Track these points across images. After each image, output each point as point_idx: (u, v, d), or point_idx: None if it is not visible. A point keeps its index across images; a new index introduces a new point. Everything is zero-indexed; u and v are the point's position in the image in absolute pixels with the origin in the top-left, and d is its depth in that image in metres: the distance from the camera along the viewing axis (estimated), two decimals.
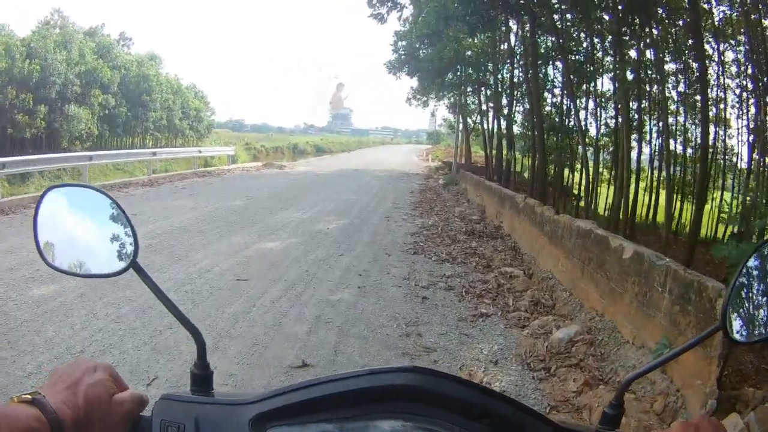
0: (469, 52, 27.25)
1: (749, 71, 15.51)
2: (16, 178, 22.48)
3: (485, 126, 31.85)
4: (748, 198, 14.28)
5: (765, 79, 13.95)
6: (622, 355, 6.04)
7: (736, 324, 1.63)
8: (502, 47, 25.11)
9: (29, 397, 1.03)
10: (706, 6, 15.34)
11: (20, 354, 5.96)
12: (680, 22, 15.42)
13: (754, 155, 15.01)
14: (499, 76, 26.86)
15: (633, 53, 16.25)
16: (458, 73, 30.75)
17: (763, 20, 13.82)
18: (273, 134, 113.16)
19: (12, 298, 7.88)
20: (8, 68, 28.33)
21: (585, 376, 5.70)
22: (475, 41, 26.18)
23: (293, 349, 6.27)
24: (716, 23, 15.78)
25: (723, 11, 15.96)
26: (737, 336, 1.58)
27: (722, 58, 16.42)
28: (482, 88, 30.86)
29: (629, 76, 15.76)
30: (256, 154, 53.58)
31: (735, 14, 15.60)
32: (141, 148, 36.71)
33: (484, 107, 32.36)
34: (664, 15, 15.23)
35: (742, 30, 15.19)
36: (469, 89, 33.11)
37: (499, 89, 26.69)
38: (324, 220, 15.62)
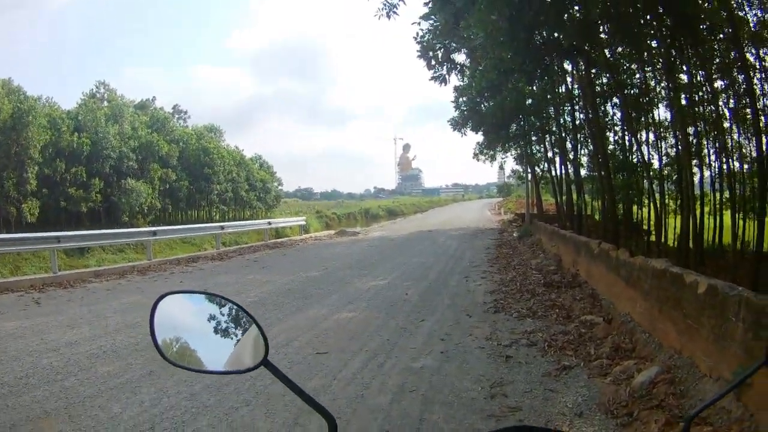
0: (529, 101, 27.29)
1: None
2: (74, 251, 23.14)
3: (553, 173, 31.75)
4: None
5: None
6: (700, 390, 5.95)
7: None
8: (560, 90, 25.16)
9: None
10: (740, 14, 15.28)
11: (81, 429, 6.07)
12: (721, 36, 15.34)
13: None
14: (561, 120, 26.87)
15: (684, 77, 16.19)
16: (521, 123, 30.88)
17: None
18: (343, 201, 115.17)
19: (73, 373, 8.13)
20: (54, 141, 29.42)
21: (666, 416, 5.65)
22: (534, 89, 26.23)
23: (377, 421, 6.23)
24: (753, 29, 15.67)
25: (756, 14, 15.87)
26: None
27: (764, 64, 16.29)
28: (546, 135, 30.85)
29: (683, 101, 15.70)
30: (328, 222, 54.72)
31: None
32: (207, 221, 38.14)
33: (550, 154, 32.31)
34: (706, 33, 15.16)
35: None
36: (533, 138, 33.06)
37: (563, 134, 26.66)
38: (402, 286, 15.57)
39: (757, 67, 15.70)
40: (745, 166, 16.75)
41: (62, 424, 6.19)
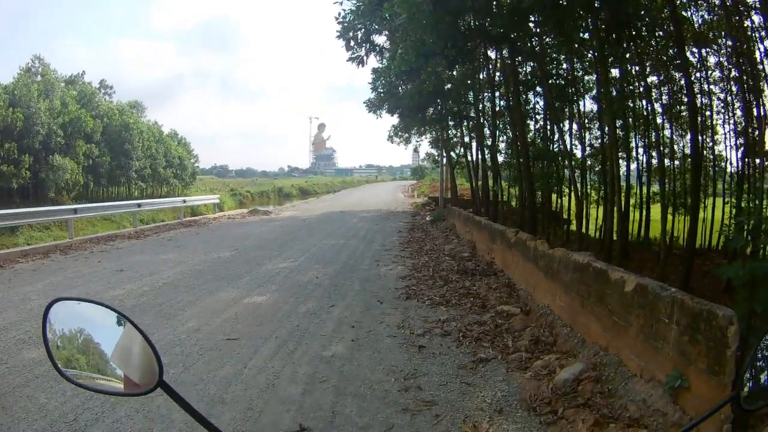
0: (448, 85, 27.13)
1: (733, 74, 15.53)
2: (5, 229, 22.96)
3: (469, 158, 31.99)
4: (745, 205, 14.09)
5: (750, 81, 13.88)
6: (630, 390, 5.83)
7: (747, 394, 1.94)
8: (481, 76, 25.12)
9: None
10: (685, 13, 15.34)
11: (15, 420, 6.02)
12: (660, 33, 15.36)
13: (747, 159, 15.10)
14: (480, 106, 26.83)
15: (615, 71, 16.22)
16: (439, 108, 30.69)
17: (744, 21, 13.79)
18: (257, 179, 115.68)
19: (3, 360, 7.96)
20: None
21: (594, 416, 5.51)
22: (454, 73, 26.11)
23: (289, 412, 6.06)
24: (696, 29, 15.76)
25: (702, 16, 15.98)
26: (746, 405, 1.92)
27: (705, 64, 16.41)
28: (464, 121, 30.84)
29: (613, 93, 15.70)
30: (242, 200, 55.35)
31: (715, 18, 15.61)
32: (126, 198, 38.33)
33: (467, 139, 32.40)
34: (644, 29, 15.18)
35: (723, 33, 15.18)
36: (450, 122, 33.08)
37: (481, 120, 26.66)
38: (313, 269, 15.47)
39: (697, 65, 15.81)
40: (676, 162, 16.96)
41: None
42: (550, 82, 18.46)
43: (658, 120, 17.10)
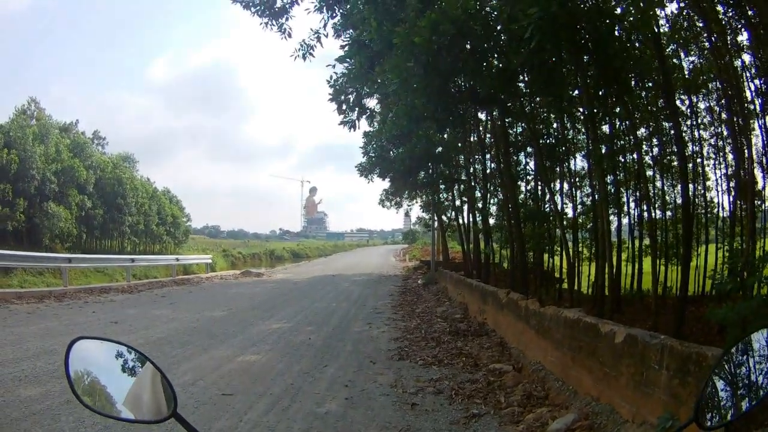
0: (439, 149, 27.26)
1: (723, 116, 15.64)
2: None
3: (460, 221, 31.72)
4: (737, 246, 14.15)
5: (740, 121, 13.98)
6: None
7: (708, 413, 2.09)
8: (472, 139, 25.20)
9: None
10: (675, 60, 15.50)
11: None
12: (650, 84, 15.49)
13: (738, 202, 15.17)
14: (471, 169, 26.90)
15: (605, 127, 16.32)
16: (430, 171, 30.77)
17: (734, 61, 13.92)
18: (249, 240, 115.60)
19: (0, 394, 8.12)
20: None
21: None
22: (445, 136, 26.23)
23: None
24: (686, 75, 15.90)
25: (692, 61, 16.13)
26: (709, 423, 2.03)
27: (695, 111, 16.53)
28: (455, 184, 30.84)
29: (603, 150, 15.79)
30: (234, 261, 55.59)
31: (704, 61, 15.77)
32: (119, 252, 38.58)
33: (458, 202, 32.33)
34: (633, 82, 15.29)
35: (712, 75, 15.32)
36: (442, 186, 32.94)
37: (472, 182, 26.64)
38: (305, 330, 15.43)
39: (687, 114, 15.94)
40: (668, 213, 17.04)
41: None
42: (540, 142, 18.46)
43: (649, 172, 17.18)
